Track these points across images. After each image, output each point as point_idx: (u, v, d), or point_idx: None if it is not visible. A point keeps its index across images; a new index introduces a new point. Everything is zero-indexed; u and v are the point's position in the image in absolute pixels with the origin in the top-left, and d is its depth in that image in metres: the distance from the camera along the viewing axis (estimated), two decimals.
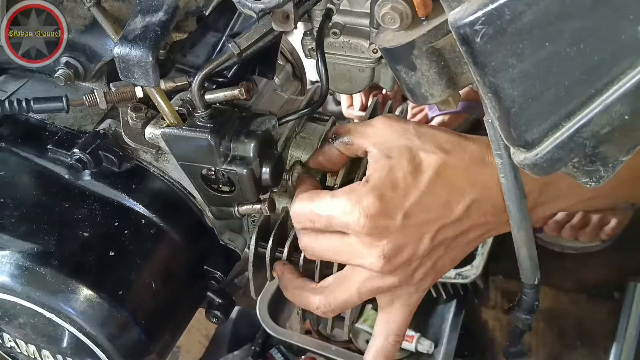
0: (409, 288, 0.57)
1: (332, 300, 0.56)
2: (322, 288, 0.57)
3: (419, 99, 0.48)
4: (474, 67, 0.36)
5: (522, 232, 0.52)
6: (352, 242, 0.53)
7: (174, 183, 0.60)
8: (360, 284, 0.55)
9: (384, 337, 0.59)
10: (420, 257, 0.54)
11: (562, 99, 0.35)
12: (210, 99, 0.54)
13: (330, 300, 0.56)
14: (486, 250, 1.17)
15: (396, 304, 0.58)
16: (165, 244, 0.58)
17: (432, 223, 0.53)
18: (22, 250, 0.53)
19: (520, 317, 0.59)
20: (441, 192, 0.53)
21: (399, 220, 0.51)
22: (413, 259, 0.53)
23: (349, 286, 0.55)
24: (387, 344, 0.59)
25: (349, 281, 0.55)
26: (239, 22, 0.61)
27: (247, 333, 1.18)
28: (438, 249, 0.55)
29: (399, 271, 0.54)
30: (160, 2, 0.50)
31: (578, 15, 0.33)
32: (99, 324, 0.52)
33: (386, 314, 0.59)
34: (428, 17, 0.44)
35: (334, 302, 0.56)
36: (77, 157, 0.57)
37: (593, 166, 0.39)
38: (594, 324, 1.17)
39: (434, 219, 0.53)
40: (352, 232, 0.52)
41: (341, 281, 0.56)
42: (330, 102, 1.66)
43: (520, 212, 0.50)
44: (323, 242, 0.55)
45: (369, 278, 0.54)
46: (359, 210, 0.51)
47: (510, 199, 0.49)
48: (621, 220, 1.25)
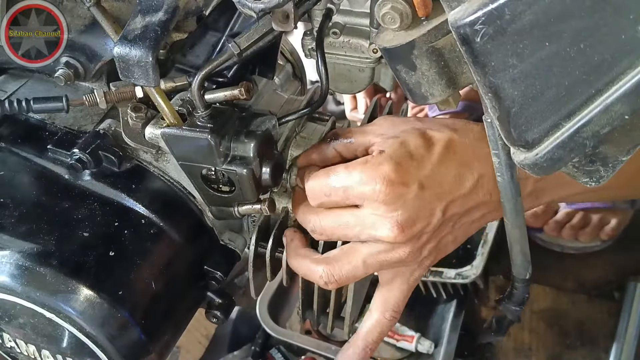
0: (413, 265, 0.57)
1: (336, 270, 0.56)
2: (327, 258, 0.57)
3: (419, 99, 0.48)
4: (474, 67, 0.36)
5: (516, 229, 0.52)
6: (365, 214, 0.53)
7: (174, 183, 0.60)
8: (368, 255, 0.54)
9: (380, 312, 0.59)
10: (431, 232, 0.54)
11: (562, 99, 0.35)
12: (210, 99, 0.54)
13: (335, 270, 0.56)
14: (486, 251, 1.17)
15: (397, 280, 0.58)
16: (165, 244, 0.58)
17: (443, 196, 0.53)
18: (22, 250, 0.53)
19: (511, 309, 0.61)
20: (452, 166, 0.53)
21: (414, 189, 0.52)
22: (424, 232, 0.53)
23: (355, 257, 0.55)
24: (383, 319, 0.59)
25: (356, 252, 0.55)
26: (239, 22, 0.61)
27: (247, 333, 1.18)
28: (447, 225, 0.55)
29: (409, 244, 0.54)
30: (160, 2, 0.50)
31: (578, 15, 0.33)
32: (99, 324, 0.52)
33: (386, 290, 0.59)
34: (428, 17, 0.44)
35: (338, 273, 0.56)
36: (77, 157, 0.57)
37: (593, 166, 0.39)
38: (594, 324, 1.17)
39: (446, 192, 0.53)
40: (367, 203, 0.52)
41: (347, 252, 0.56)
42: (330, 102, 1.66)
43: (515, 210, 0.50)
44: (334, 218, 0.55)
45: (377, 250, 0.54)
46: (378, 178, 0.51)
47: (506, 197, 0.50)
48: (621, 220, 1.25)
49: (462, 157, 0.54)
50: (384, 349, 1.13)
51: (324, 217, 0.56)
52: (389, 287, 0.59)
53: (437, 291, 1.17)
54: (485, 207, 0.56)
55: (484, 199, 0.55)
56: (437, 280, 1.14)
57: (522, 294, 0.59)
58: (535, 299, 1.20)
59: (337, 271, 0.56)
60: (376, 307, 0.60)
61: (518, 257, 0.55)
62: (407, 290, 0.59)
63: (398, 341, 1.12)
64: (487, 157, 0.53)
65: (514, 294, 0.59)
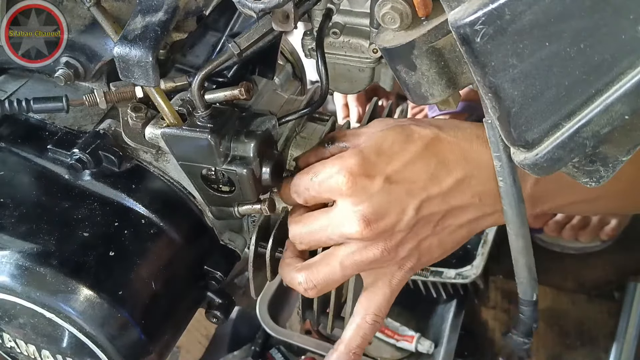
0: (392, 266, 0.56)
1: (314, 275, 0.56)
2: (307, 264, 0.57)
3: (419, 99, 0.48)
4: (474, 67, 0.36)
5: (520, 239, 0.50)
6: (335, 211, 0.53)
7: (174, 183, 0.60)
8: (343, 257, 0.54)
9: (361, 316, 0.59)
10: (405, 230, 0.53)
11: (562, 99, 0.35)
12: (210, 99, 0.54)
13: (313, 275, 0.56)
14: (486, 251, 1.17)
15: (378, 283, 0.58)
16: (165, 244, 0.58)
17: (416, 193, 0.52)
18: (22, 250, 0.53)
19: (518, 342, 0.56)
20: (430, 163, 0.53)
21: (379, 183, 0.52)
22: (396, 229, 0.53)
23: (332, 260, 0.55)
24: (364, 323, 0.59)
25: (332, 255, 0.55)
26: (239, 22, 0.61)
27: (247, 333, 1.18)
28: (424, 225, 0.54)
29: (380, 241, 0.53)
30: (160, 2, 0.50)
31: (578, 15, 0.33)
32: (99, 324, 0.52)
33: (368, 293, 0.59)
34: (428, 17, 0.44)
35: (315, 278, 0.56)
36: (77, 157, 0.57)
37: (593, 166, 0.39)
38: (594, 324, 1.17)
39: (419, 189, 0.52)
40: (336, 197, 0.53)
41: (325, 256, 0.56)
42: (330, 102, 1.66)
43: (519, 217, 0.49)
44: (309, 223, 0.56)
45: (351, 251, 0.54)
46: (342, 170, 0.52)
47: (509, 204, 0.49)
48: (621, 220, 1.25)
49: (443, 156, 0.53)
50: (384, 349, 1.13)
51: (301, 223, 0.57)
52: (371, 290, 0.59)
53: (437, 291, 1.17)
54: (474, 210, 0.55)
55: (470, 201, 0.54)
56: (437, 280, 1.14)
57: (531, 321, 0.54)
58: None
59: (314, 276, 0.56)
60: (358, 310, 0.60)
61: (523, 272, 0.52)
62: (390, 294, 0.58)
63: (398, 341, 1.12)
64: (477, 159, 0.52)
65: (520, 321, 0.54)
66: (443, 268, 1.14)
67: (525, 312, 0.54)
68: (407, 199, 0.52)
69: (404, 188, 0.52)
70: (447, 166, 0.53)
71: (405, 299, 1.17)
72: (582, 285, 1.23)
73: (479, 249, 1.17)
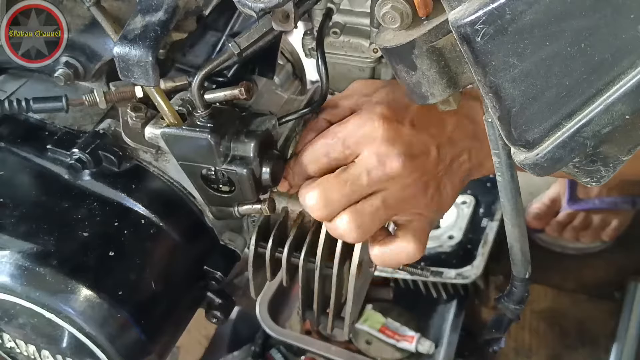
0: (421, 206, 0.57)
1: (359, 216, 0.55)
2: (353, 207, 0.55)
3: (419, 99, 0.48)
4: (474, 66, 0.36)
5: (515, 228, 0.52)
6: (365, 158, 0.54)
7: (174, 183, 0.60)
8: (384, 198, 0.55)
9: None
10: (431, 169, 0.56)
11: (563, 99, 0.35)
12: (210, 99, 0.54)
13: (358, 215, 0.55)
14: (486, 251, 1.17)
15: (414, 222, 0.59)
16: (165, 244, 0.58)
17: (433, 139, 0.56)
18: (22, 250, 0.53)
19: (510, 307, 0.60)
20: (435, 112, 0.54)
21: (408, 127, 0.55)
22: (426, 169, 0.55)
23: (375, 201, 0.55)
24: None
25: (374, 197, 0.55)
26: (239, 21, 0.61)
27: (246, 333, 1.18)
28: (442, 166, 0.57)
29: (414, 176, 0.55)
30: (160, 2, 0.49)
31: (579, 15, 0.33)
32: (98, 324, 0.52)
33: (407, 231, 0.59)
34: (428, 17, 0.44)
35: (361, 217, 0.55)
36: (77, 157, 0.57)
37: (594, 166, 0.39)
38: (595, 324, 1.16)
39: (434, 135, 0.56)
40: (367, 146, 0.54)
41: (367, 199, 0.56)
42: None
43: (515, 209, 0.50)
44: (339, 179, 0.54)
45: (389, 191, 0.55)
46: (375, 117, 0.54)
47: (506, 197, 0.49)
48: (622, 221, 1.25)
49: None
50: (384, 349, 1.13)
51: (325, 183, 0.55)
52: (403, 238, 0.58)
53: (437, 291, 1.17)
54: (467, 153, 0.58)
55: (464, 143, 0.58)
56: (437, 280, 1.14)
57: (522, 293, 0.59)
58: (536, 299, 1.20)
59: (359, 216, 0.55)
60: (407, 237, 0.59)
61: (517, 256, 0.55)
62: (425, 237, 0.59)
63: (398, 341, 1.12)
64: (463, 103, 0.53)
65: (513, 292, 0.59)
66: (443, 268, 1.14)
67: (518, 287, 0.58)
68: (429, 141, 0.56)
69: (426, 131, 0.56)
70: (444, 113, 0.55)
71: (406, 299, 1.17)
72: (582, 286, 1.23)
73: (479, 249, 1.17)
